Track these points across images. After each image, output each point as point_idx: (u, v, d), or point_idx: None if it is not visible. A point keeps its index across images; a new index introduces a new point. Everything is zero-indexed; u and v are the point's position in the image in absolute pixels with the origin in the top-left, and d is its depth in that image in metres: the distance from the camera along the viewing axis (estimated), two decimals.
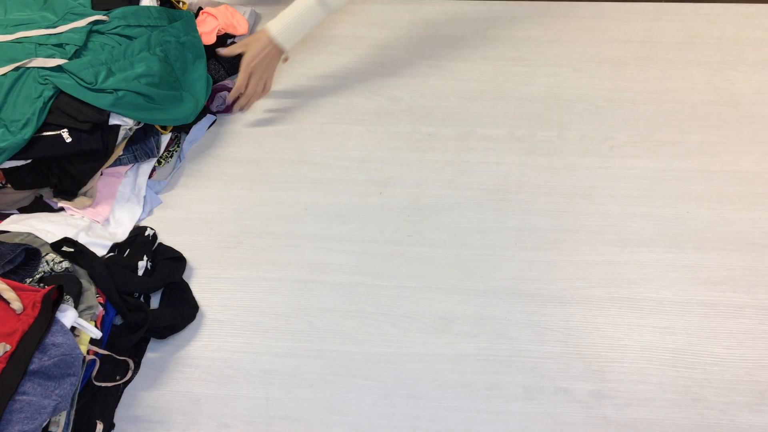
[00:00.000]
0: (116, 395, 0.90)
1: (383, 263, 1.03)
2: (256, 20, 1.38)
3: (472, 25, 1.36)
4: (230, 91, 1.20)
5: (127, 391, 0.92)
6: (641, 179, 1.11)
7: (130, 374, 0.91)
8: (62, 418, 0.79)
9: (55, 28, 1.05)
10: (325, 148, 1.18)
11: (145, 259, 1.00)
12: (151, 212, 1.10)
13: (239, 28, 1.27)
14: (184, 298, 0.99)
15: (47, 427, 0.77)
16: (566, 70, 1.27)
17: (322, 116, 1.23)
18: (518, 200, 1.09)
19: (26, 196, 1.06)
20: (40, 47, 1.02)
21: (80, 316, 0.85)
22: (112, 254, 1.00)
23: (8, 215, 1.03)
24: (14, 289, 0.80)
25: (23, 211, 1.06)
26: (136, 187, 1.10)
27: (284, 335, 0.96)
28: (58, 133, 0.97)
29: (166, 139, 1.15)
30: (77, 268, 0.92)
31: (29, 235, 0.95)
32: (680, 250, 1.02)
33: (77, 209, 1.05)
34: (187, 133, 1.19)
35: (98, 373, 0.89)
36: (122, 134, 1.04)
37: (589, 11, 1.37)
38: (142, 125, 1.08)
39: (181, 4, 1.24)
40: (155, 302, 1.00)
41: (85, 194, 1.06)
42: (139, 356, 0.94)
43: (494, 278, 1.00)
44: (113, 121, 1.01)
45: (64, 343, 0.78)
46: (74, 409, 0.83)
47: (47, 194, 1.07)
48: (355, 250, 1.05)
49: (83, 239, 0.99)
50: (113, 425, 0.88)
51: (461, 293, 0.99)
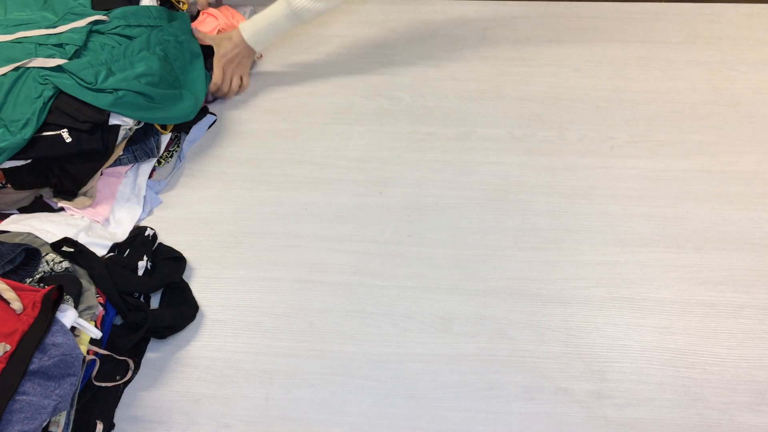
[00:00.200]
0: (116, 395, 0.90)
1: (383, 263, 1.03)
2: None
3: (472, 25, 1.36)
4: None
5: (127, 391, 0.92)
6: (641, 179, 1.11)
7: (130, 374, 0.91)
8: (62, 418, 0.79)
9: (55, 28, 1.05)
10: (325, 148, 1.18)
11: (145, 259, 1.00)
12: (151, 212, 1.10)
13: None
14: (184, 298, 0.99)
15: (47, 427, 0.77)
16: (566, 70, 1.27)
17: (322, 116, 1.23)
18: (518, 200, 1.09)
19: (26, 196, 1.06)
20: (40, 47, 1.02)
21: (80, 316, 0.85)
22: (112, 254, 1.00)
23: (8, 215, 1.03)
24: (14, 289, 0.80)
25: (23, 211, 1.06)
26: (136, 187, 1.10)
27: (284, 335, 0.96)
28: (58, 133, 0.96)
29: (166, 139, 1.15)
30: (77, 268, 0.92)
31: (29, 235, 0.95)
32: (680, 250, 1.02)
33: (77, 209, 1.05)
34: (187, 133, 1.19)
35: (98, 373, 0.89)
36: (122, 134, 1.04)
37: (589, 11, 1.37)
38: (142, 125, 1.08)
39: (180, 3, 1.24)
40: (155, 302, 1.00)
41: (85, 194, 1.06)
42: (139, 356, 0.94)
43: (494, 278, 1.00)
44: (113, 121, 1.01)
45: (64, 343, 0.78)
46: (74, 409, 0.83)
47: (47, 194, 1.07)
48: (355, 250, 1.05)
49: (83, 239, 0.99)
50: (113, 425, 0.88)
51: (461, 293, 0.99)
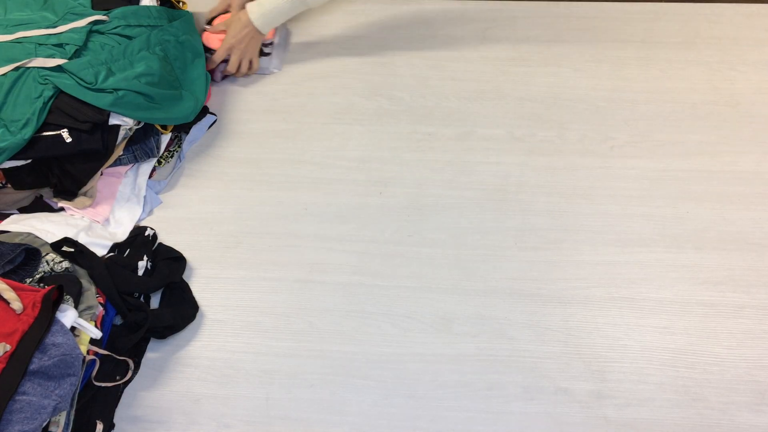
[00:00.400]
0: (116, 395, 0.90)
1: (383, 263, 1.03)
2: (284, 32, 1.36)
3: (472, 25, 1.36)
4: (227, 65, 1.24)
5: (127, 391, 0.92)
6: (641, 179, 1.11)
7: (130, 374, 0.91)
8: (62, 418, 0.79)
9: (55, 28, 1.05)
10: (325, 148, 1.18)
11: (145, 259, 1.00)
12: (151, 212, 1.10)
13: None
14: (184, 298, 0.99)
15: (47, 427, 0.77)
16: (566, 70, 1.27)
17: (322, 116, 1.23)
18: (518, 200, 1.09)
19: (26, 196, 1.06)
20: (40, 47, 1.02)
21: (80, 316, 0.85)
22: (112, 254, 1.00)
23: (8, 215, 1.03)
24: (14, 289, 0.80)
25: (23, 211, 1.06)
26: (136, 187, 1.10)
27: (284, 335, 0.96)
28: (58, 133, 0.96)
29: (166, 139, 1.15)
30: (77, 268, 0.92)
31: (29, 235, 0.95)
32: (680, 250, 1.02)
33: (77, 209, 1.05)
34: (187, 133, 1.19)
35: (98, 373, 0.89)
36: (122, 134, 1.04)
37: (589, 11, 1.37)
38: (142, 125, 1.08)
39: (181, 3, 1.24)
40: (155, 302, 1.00)
41: (85, 194, 1.06)
42: (139, 356, 0.94)
43: (494, 278, 1.00)
44: (113, 120, 1.01)
45: (64, 343, 0.78)
46: (74, 409, 0.83)
47: (47, 194, 1.07)
48: (355, 250, 1.05)
49: (83, 239, 0.99)
50: (113, 425, 0.88)
51: (461, 293, 0.99)
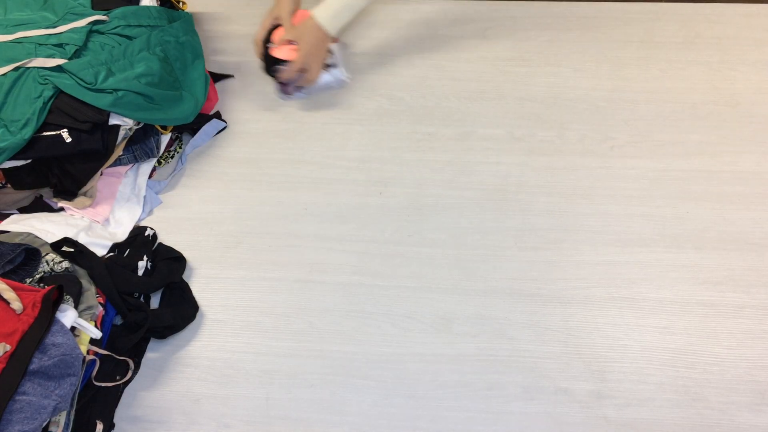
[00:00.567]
0: (116, 395, 0.90)
1: (383, 263, 1.03)
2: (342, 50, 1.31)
3: (472, 25, 1.36)
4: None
5: (127, 391, 0.92)
6: (641, 179, 1.11)
7: (130, 374, 0.91)
8: (62, 418, 0.79)
9: (55, 28, 1.05)
10: (325, 148, 1.18)
11: (145, 259, 1.00)
12: (151, 212, 1.10)
13: None
14: (184, 298, 0.99)
15: (47, 427, 0.77)
16: (566, 70, 1.27)
17: (322, 116, 1.23)
18: (518, 200, 1.09)
19: (26, 196, 1.06)
20: (40, 47, 1.02)
21: (80, 316, 0.85)
22: (112, 254, 1.00)
23: (8, 215, 1.03)
24: (14, 289, 0.80)
25: (23, 211, 1.06)
26: (136, 187, 1.10)
27: (284, 335, 0.96)
28: (58, 133, 0.96)
29: (166, 139, 1.15)
30: (77, 268, 0.92)
31: (29, 235, 0.95)
32: (680, 250, 1.02)
33: (77, 209, 1.05)
34: (190, 134, 1.19)
35: (98, 373, 0.89)
36: (122, 134, 1.04)
37: (589, 11, 1.37)
38: (142, 125, 1.08)
39: (181, 4, 1.24)
40: (155, 302, 1.00)
41: (85, 194, 1.06)
42: (139, 356, 0.94)
43: (494, 278, 1.00)
44: (113, 121, 1.01)
45: (64, 343, 0.78)
46: (74, 409, 0.83)
47: (47, 194, 1.07)
48: (355, 250, 1.05)
49: (83, 239, 0.99)
50: (113, 425, 0.88)
51: (461, 293, 0.99)
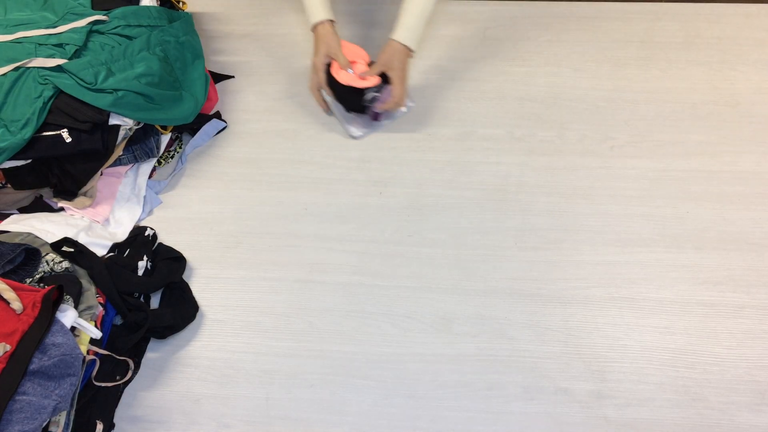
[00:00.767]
0: (116, 395, 0.90)
1: (383, 263, 1.03)
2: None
3: (472, 25, 1.36)
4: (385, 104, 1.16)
5: (127, 391, 0.92)
6: (641, 179, 1.11)
7: (130, 374, 0.91)
8: (62, 418, 0.79)
9: (55, 28, 1.05)
10: (325, 148, 1.18)
11: (145, 259, 1.00)
12: (151, 212, 1.10)
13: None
14: (184, 298, 0.99)
15: (47, 427, 0.77)
16: (566, 70, 1.27)
17: (322, 116, 1.23)
18: (518, 200, 1.09)
19: (26, 196, 1.06)
20: (40, 47, 1.02)
21: (80, 316, 0.85)
22: (112, 254, 1.00)
23: (8, 215, 1.03)
24: (14, 289, 0.80)
25: (23, 211, 1.06)
26: (136, 187, 1.10)
27: (284, 335, 0.96)
28: (58, 133, 0.96)
29: (166, 139, 1.15)
30: (77, 268, 0.92)
31: (29, 235, 0.95)
32: (680, 250, 1.02)
33: (77, 209, 1.05)
34: (190, 134, 1.19)
35: (98, 373, 0.89)
36: (122, 134, 1.04)
37: (589, 11, 1.37)
38: (142, 125, 1.08)
39: (181, 4, 1.24)
40: (155, 302, 1.00)
41: (85, 194, 1.06)
42: (139, 356, 0.94)
43: (494, 278, 1.00)
44: (113, 121, 1.01)
45: (64, 343, 0.78)
46: (74, 409, 0.83)
47: (47, 194, 1.07)
48: (355, 250, 1.05)
49: (83, 239, 0.99)
50: (113, 425, 0.88)
51: (461, 293, 0.99)
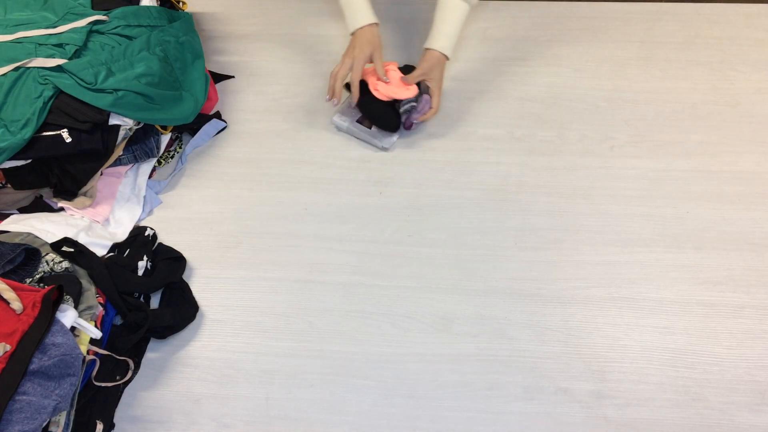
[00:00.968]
0: (116, 395, 0.90)
1: (383, 263, 1.03)
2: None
3: (472, 25, 1.36)
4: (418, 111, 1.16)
5: (127, 391, 0.92)
6: (641, 179, 1.11)
7: (130, 374, 0.91)
8: (62, 418, 0.79)
9: (55, 28, 1.05)
10: (325, 148, 1.18)
11: (145, 259, 1.00)
12: (151, 212, 1.10)
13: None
14: (184, 298, 0.99)
15: (47, 427, 0.77)
16: (566, 70, 1.27)
17: (322, 116, 1.23)
18: (518, 200, 1.09)
19: (26, 196, 1.06)
20: (40, 47, 1.02)
21: (80, 316, 0.85)
22: (112, 254, 1.00)
23: (8, 215, 1.03)
24: (14, 289, 0.80)
25: (23, 211, 1.06)
26: (136, 187, 1.10)
27: (284, 335, 0.96)
28: (58, 133, 0.96)
29: (166, 139, 1.15)
30: (77, 268, 0.92)
31: (29, 235, 0.95)
32: (680, 250, 1.02)
33: (77, 209, 1.05)
34: (190, 134, 1.19)
35: (98, 373, 0.89)
36: (122, 134, 1.04)
37: (589, 11, 1.37)
38: (142, 125, 1.08)
39: (181, 4, 1.24)
40: (155, 302, 1.00)
41: (85, 194, 1.06)
42: (139, 356, 0.94)
43: (494, 278, 1.00)
44: (113, 121, 1.01)
45: (64, 343, 0.78)
46: (74, 409, 0.83)
47: (47, 194, 1.07)
48: (355, 250, 1.05)
49: (83, 239, 0.99)
50: (113, 425, 0.88)
51: (461, 293, 0.99)
